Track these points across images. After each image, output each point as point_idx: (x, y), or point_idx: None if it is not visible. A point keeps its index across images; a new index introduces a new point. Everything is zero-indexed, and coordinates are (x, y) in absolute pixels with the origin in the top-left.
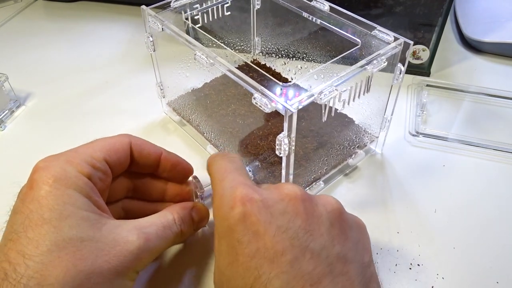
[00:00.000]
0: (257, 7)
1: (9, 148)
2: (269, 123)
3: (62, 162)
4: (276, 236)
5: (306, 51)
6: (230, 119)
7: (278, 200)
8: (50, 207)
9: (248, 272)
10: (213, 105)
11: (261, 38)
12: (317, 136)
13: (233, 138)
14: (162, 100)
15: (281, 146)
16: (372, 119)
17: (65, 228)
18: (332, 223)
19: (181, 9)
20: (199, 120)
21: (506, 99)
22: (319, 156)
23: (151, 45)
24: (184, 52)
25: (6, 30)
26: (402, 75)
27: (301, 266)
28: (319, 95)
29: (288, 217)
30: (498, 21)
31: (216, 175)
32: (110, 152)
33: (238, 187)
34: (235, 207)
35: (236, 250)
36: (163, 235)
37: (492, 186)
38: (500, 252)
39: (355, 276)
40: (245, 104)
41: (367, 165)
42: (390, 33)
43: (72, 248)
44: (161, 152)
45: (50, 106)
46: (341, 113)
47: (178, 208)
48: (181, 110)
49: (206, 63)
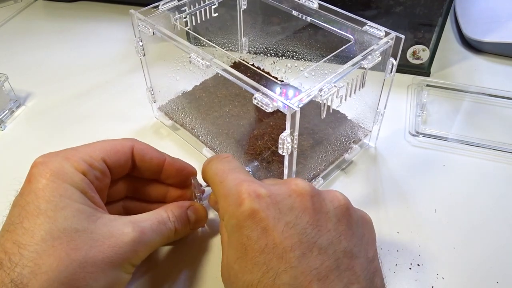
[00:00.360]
0: (243, 7)
1: (9, 148)
2: (265, 123)
3: (60, 158)
4: (284, 232)
5: (295, 49)
6: (225, 120)
7: (286, 196)
8: (46, 199)
9: (256, 267)
10: (206, 108)
11: (249, 38)
12: (313, 133)
13: (229, 139)
14: (153, 105)
15: (284, 144)
16: (365, 114)
17: (60, 219)
18: (339, 218)
19: (170, 12)
20: (193, 123)
21: (506, 99)
22: (317, 153)
23: (141, 49)
24: (174, 55)
25: (6, 30)
26: (394, 69)
27: (309, 261)
28: (319, 93)
29: (296, 213)
30: (498, 21)
31: (215, 177)
32: (109, 153)
33: (243, 184)
34: (242, 204)
35: (245, 246)
36: (157, 229)
37: (492, 186)
38: (500, 252)
39: (360, 271)
40: (238, 104)
41: (363, 160)
42: (381, 28)
43: (66, 238)
44: (164, 158)
45: (50, 106)
46: (335, 109)
47: (173, 207)
48: (174, 114)
49: (202, 65)
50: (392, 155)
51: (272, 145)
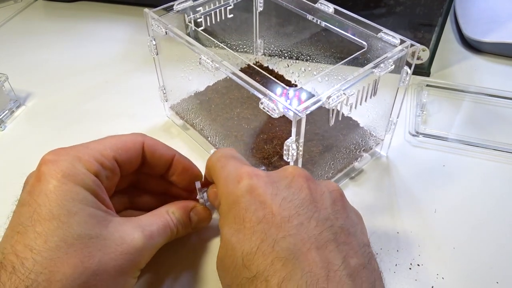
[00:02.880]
0: (259, 9)
1: (9, 148)
2: (274, 127)
3: (71, 157)
4: (282, 205)
5: (309, 53)
6: (235, 122)
7: (283, 177)
8: (58, 203)
9: (254, 235)
10: (216, 109)
11: (264, 40)
12: (323, 140)
13: (238, 142)
14: (165, 104)
15: (288, 151)
16: (377, 122)
17: (74, 225)
18: (334, 200)
19: (184, 12)
20: (203, 124)
21: (506, 99)
22: (325, 160)
23: (154, 48)
24: (187, 55)
25: (6, 30)
26: (409, 77)
27: (307, 230)
28: (327, 100)
29: (292, 191)
30: (498, 21)
31: (217, 164)
32: (121, 151)
33: (243, 167)
34: (241, 181)
35: (243, 218)
36: (163, 233)
37: (492, 186)
38: (500, 252)
39: (358, 247)
40: (249, 107)
41: (371, 168)
42: (396, 35)
43: (80, 245)
44: (174, 154)
45: (50, 106)
46: (346, 116)
47: (176, 208)
48: (184, 114)
49: (212, 67)
50: (392, 155)
51: (281, 149)
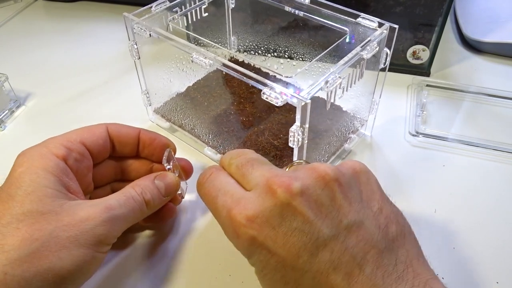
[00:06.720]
0: (231, 6)
1: (9, 148)
2: (263, 118)
3: (39, 147)
4: (286, 243)
5: (287, 45)
6: (224, 119)
7: (271, 206)
8: (17, 185)
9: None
10: (202, 107)
11: (238, 36)
12: (311, 126)
13: (230, 137)
14: (148, 108)
15: (294, 137)
16: (361, 104)
17: (26, 203)
18: (331, 197)
19: (162, 13)
20: (192, 124)
21: (506, 99)
22: (320, 145)
23: (135, 52)
24: (167, 56)
25: (6, 30)
26: (389, 58)
27: (318, 259)
28: (326, 84)
29: (289, 221)
30: (498, 21)
31: (207, 197)
32: (86, 135)
33: (234, 208)
34: (240, 236)
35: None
36: (126, 204)
37: (492, 186)
38: (500, 252)
39: (370, 236)
40: (235, 103)
41: (360, 149)
42: (374, 19)
43: (31, 220)
44: (139, 130)
45: (50, 106)
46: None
47: (139, 180)
48: (171, 116)
49: (205, 64)
50: (392, 154)
51: (274, 140)
